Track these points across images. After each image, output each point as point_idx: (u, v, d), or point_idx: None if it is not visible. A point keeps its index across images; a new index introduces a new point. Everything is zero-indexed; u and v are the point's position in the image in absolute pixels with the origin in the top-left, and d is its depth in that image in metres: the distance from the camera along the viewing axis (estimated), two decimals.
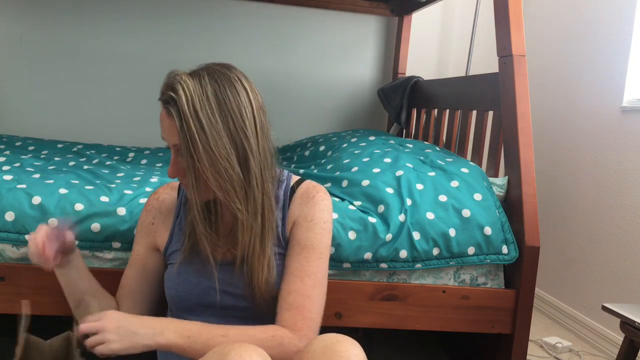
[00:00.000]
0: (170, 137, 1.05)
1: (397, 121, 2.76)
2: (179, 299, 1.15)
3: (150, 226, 1.23)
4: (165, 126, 1.05)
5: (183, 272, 1.15)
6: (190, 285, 1.14)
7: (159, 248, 1.23)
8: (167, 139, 1.06)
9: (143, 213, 1.25)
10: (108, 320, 0.98)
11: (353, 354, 0.95)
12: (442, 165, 1.76)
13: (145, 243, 1.23)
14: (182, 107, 1.00)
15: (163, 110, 1.04)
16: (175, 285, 1.15)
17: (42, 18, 2.73)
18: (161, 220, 1.22)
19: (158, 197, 1.24)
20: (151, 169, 2.04)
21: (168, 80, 1.04)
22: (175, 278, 1.16)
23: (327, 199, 1.17)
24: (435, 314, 1.58)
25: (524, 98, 1.70)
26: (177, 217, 1.21)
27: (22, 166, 1.78)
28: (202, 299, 1.13)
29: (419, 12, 2.96)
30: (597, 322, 2.37)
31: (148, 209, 1.24)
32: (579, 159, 2.58)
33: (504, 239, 1.60)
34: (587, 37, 2.58)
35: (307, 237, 1.13)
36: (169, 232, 1.21)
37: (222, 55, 2.88)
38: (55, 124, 2.77)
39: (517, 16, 1.73)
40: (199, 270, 1.14)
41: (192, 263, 1.14)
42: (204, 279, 1.14)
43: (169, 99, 1.02)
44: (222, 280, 1.13)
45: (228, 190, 1.04)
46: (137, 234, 1.25)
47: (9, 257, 1.42)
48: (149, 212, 1.23)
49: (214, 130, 1.01)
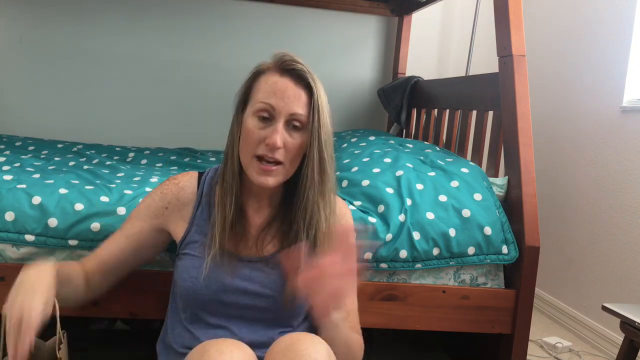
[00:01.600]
0: (296, 107, 1.05)
1: (397, 121, 2.76)
2: (194, 292, 1.11)
3: (163, 210, 1.18)
4: (290, 95, 1.05)
5: (205, 266, 1.11)
6: (209, 280, 1.11)
7: (168, 233, 1.19)
8: (288, 109, 1.05)
9: (157, 194, 1.19)
10: None
11: (314, 351, 0.94)
12: (442, 165, 1.76)
13: (152, 224, 1.19)
14: (316, 81, 1.07)
15: (289, 78, 1.06)
16: (193, 279, 1.11)
17: (42, 18, 2.73)
18: (177, 208, 1.18)
19: (178, 182, 1.20)
20: (151, 169, 2.04)
21: (285, 55, 1.08)
22: (194, 271, 1.12)
23: (350, 214, 1.24)
24: (435, 314, 1.58)
25: (524, 98, 1.70)
26: (197, 208, 1.17)
27: (22, 166, 1.78)
28: (218, 296, 1.11)
29: (419, 12, 2.96)
30: (597, 322, 2.37)
31: (165, 191, 1.19)
32: (579, 159, 2.58)
33: (504, 239, 1.60)
34: (587, 37, 2.58)
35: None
36: (188, 222, 1.17)
37: (222, 55, 2.89)
38: (55, 124, 2.77)
39: (517, 16, 1.73)
40: (222, 266, 1.11)
41: (214, 258, 1.11)
42: (225, 275, 1.11)
43: (303, 71, 1.06)
44: (245, 278, 1.12)
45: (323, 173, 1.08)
46: (143, 210, 1.20)
47: (9, 257, 1.42)
48: (165, 196, 1.19)
49: (327, 113, 1.07)
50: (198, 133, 2.85)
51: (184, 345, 1.13)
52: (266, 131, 1.05)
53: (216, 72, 2.88)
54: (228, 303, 1.11)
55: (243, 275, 1.12)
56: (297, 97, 1.05)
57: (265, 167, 1.05)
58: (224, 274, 1.11)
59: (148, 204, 1.20)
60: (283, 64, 1.07)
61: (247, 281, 1.12)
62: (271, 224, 1.15)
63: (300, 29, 2.96)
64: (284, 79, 1.05)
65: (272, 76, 1.07)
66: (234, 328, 1.12)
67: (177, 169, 2.09)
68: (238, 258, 1.13)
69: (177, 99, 2.89)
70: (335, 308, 1.04)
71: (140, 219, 1.20)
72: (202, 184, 1.19)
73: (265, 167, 1.05)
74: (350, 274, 0.95)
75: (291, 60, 1.07)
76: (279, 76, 1.06)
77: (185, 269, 1.13)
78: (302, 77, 1.06)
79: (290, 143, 1.05)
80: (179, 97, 2.88)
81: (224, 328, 1.12)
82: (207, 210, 1.16)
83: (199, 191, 1.19)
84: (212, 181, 1.18)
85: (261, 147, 1.05)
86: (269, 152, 1.04)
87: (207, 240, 1.13)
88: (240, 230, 1.13)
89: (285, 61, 1.07)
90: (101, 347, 1.82)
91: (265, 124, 1.05)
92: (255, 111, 1.06)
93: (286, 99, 1.04)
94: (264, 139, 1.04)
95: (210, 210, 1.15)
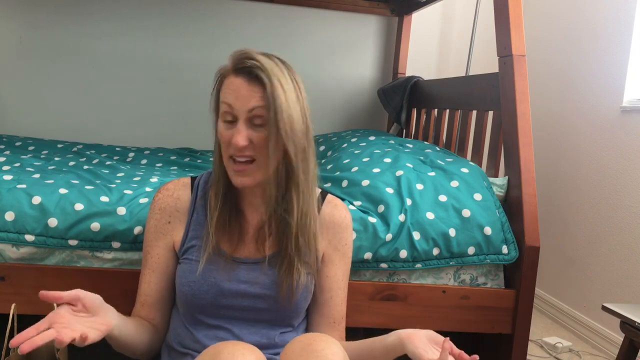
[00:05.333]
0: (252, 103, 1.04)
1: (397, 121, 2.76)
2: (193, 296, 1.11)
3: (167, 225, 1.17)
4: (244, 93, 1.05)
5: (203, 269, 1.12)
6: (207, 284, 1.11)
7: (174, 246, 1.19)
8: (244, 106, 1.05)
9: (156, 213, 1.18)
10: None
11: (330, 352, 0.94)
12: (442, 165, 1.76)
13: (164, 244, 1.18)
14: (271, 74, 1.04)
15: (242, 76, 1.05)
16: (191, 283, 1.11)
17: (42, 18, 2.73)
18: (178, 219, 1.17)
19: (172, 194, 1.19)
20: (151, 169, 2.04)
21: (240, 54, 1.07)
22: (192, 275, 1.12)
23: (350, 218, 1.25)
24: (435, 314, 1.58)
25: (524, 98, 1.70)
26: (192, 214, 1.17)
27: (22, 166, 1.78)
28: (217, 300, 1.11)
29: (419, 12, 2.96)
30: (597, 322, 2.37)
31: (163, 207, 1.18)
32: (579, 159, 2.57)
33: (504, 239, 1.60)
34: (587, 37, 2.58)
35: (344, 262, 1.22)
36: (185, 228, 1.17)
37: (223, 55, 2.85)
38: (55, 124, 2.77)
39: (517, 16, 1.73)
40: (219, 269, 1.12)
41: (212, 262, 1.12)
42: (223, 278, 1.11)
43: (254, 66, 1.04)
44: (244, 280, 1.12)
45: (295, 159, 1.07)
46: (152, 236, 1.18)
47: (9, 257, 1.42)
48: (164, 212, 1.18)
49: (292, 103, 1.06)
50: (198, 133, 2.85)
51: (184, 345, 1.13)
52: (231, 132, 1.06)
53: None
54: (228, 306, 1.12)
55: (242, 278, 1.12)
56: (252, 94, 1.05)
57: (237, 167, 1.07)
58: (222, 277, 1.11)
59: (154, 226, 1.18)
60: (236, 63, 1.07)
61: (246, 283, 1.12)
62: (269, 222, 1.15)
63: (300, 29, 2.96)
64: (238, 78, 1.06)
65: (229, 77, 1.08)
66: (235, 329, 1.12)
67: (177, 169, 2.09)
68: (236, 260, 1.13)
69: (177, 99, 2.89)
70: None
71: (154, 246, 1.18)
72: (195, 189, 1.20)
73: (238, 167, 1.07)
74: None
75: (243, 58, 1.06)
76: (234, 76, 1.07)
77: (184, 274, 1.14)
78: (253, 72, 1.05)
79: (257, 138, 1.05)
80: (179, 97, 2.88)
81: (225, 329, 1.12)
82: (202, 214, 1.16)
83: (193, 196, 1.19)
84: (206, 185, 1.19)
85: (231, 148, 1.06)
86: (238, 152, 1.06)
87: (202, 242, 1.13)
88: (237, 231, 1.14)
89: (237, 60, 1.07)
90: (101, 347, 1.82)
91: (231, 125, 1.07)
92: (221, 114, 1.08)
93: (241, 98, 1.05)
94: (231, 139, 1.06)
95: (205, 213, 1.16)
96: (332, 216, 1.20)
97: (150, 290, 1.17)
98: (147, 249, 1.18)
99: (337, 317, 1.21)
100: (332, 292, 1.20)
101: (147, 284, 1.17)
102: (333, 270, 1.20)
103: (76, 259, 1.44)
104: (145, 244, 1.19)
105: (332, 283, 1.20)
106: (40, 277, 1.41)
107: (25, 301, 1.39)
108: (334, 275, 1.20)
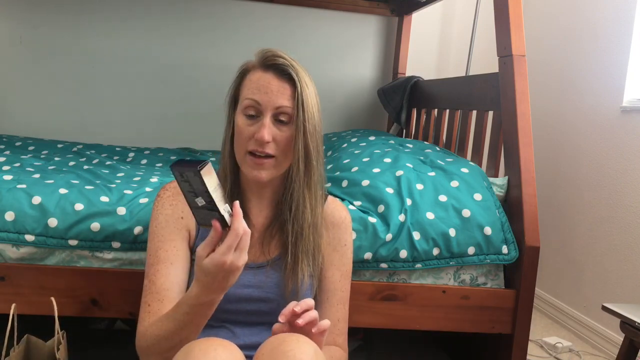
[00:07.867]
0: (281, 100, 1.06)
1: (397, 121, 2.76)
2: None
3: (180, 220, 1.14)
4: (274, 90, 1.06)
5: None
6: None
7: (190, 240, 1.16)
8: (272, 103, 1.06)
9: (167, 208, 1.14)
10: None
11: (300, 352, 0.91)
12: (442, 165, 1.76)
13: (181, 238, 1.14)
14: (299, 74, 1.07)
15: (272, 73, 1.07)
16: None
17: (42, 18, 2.73)
18: (189, 216, 1.15)
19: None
20: (151, 169, 2.04)
21: (269, 51, 1.09)
22: None
23: (350, 219, 1.25)
24: (435, 314, 1.58)
25: (524, 98, 1.70)
26: None
27: (22, 166, 1.78)
28: (221, 305, 1.07)
29: (419, 12, 2.96)
30: (597, 322, 2.37)
31: (175, 203, 1.15)
32: (579, 159, 2.57)
33: (504, 239, 1.60)
34: (587, 37, 2.58)
35: (342, 262, 1.21)
36: (195, 226, 1.16)
37: (223, 55, 2.88)
38: (55, 124, 2.77)
39: (517, 16, 1.73)
40: None
41: None
42: None
43: (286, 64, 1.06)
44: (248, 285, 1.11)
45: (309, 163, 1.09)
46: (163, 230, 1.13)
47: (9, 257, 1.42)
48: (176, 207, 1.15)
49: (314, 105, 1.09)
50: (198, 133, 2.85)
51: None
52: (255, 127, 1.07)
53: (216, 72, 2.87)
54: (232, 311, 1.12)
55: (246, 283, 1.12)
56: (281, 91, 1.06)
57: (257, 160, 1.07)
58: None
59: (165, 221, 1.14)
60: (266, 59, 1.09)
61: (250, 288, 1.12)
62: (273, 224, 1.15)
63: (300, 29, 2.96)
64: (267, 74, 1.07)
65: (256, 73, 1.09)
66: (237, 330, 1.12)
67: None
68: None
69: (177, 99, 2.88)
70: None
71: (169, 240, 1.13)
72: None
73: (258, 160, 1.07)
74: None
75: (273, 55, 1.08)
76: (263, 72, 1.08)
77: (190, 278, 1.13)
78: (284, 70, 1.07)
79: (280, 136, 1.07)
80: (179, 97, 2.88)
81: (226, 329, 1.12)
82: None
83: None
84: None
85: (252, 143, 1.07)
86: (259, 147, 1.06)
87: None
88: None
89: (267, 57, 1.09)
90: (101, 347, 1.82)
91: (254, 120, 1.07)
92: (243, 109, 1.08)
93: (270, 94, 1.06)
94: (254, 134, 1.06)
95: None
96: (332, 217, 1.20)
97: (171, 283, 1.10)
98: (159, 244, 1.13)
99: (332, 319, 1.18)
100: (329, 293, 1.19)
101: (165, 277, 1.10)
102: (331, 271, 1.20)
103: (76, 259, 1.44)
104: (155, 240, 1.13)
105: (329, 284, 1.19)
106: (40, 277, 1.41)
107: (25, 301, 1.39)
108: (332, 276, 1.19)
